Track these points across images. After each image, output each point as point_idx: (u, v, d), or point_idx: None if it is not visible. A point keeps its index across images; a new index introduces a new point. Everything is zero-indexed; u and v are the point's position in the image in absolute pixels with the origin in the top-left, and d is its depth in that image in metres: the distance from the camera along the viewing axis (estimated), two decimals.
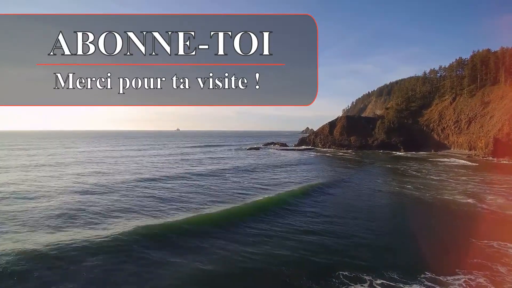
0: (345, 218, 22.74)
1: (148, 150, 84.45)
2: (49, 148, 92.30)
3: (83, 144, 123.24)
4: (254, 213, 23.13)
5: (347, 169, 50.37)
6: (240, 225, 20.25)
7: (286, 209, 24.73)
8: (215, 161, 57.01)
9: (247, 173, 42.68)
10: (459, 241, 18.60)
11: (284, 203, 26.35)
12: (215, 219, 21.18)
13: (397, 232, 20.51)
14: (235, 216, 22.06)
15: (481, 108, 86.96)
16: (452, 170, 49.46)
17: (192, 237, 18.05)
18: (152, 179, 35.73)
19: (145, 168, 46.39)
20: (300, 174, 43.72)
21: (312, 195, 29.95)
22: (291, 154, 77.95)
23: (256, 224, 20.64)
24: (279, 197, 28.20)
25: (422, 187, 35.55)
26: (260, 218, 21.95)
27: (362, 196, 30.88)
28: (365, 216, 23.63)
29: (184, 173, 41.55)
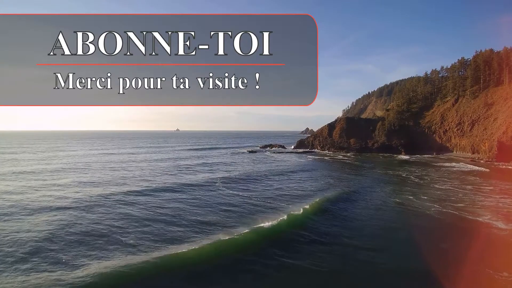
0: (363, 250, 19.46)
1: (141, 154, 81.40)
2: (40, 151, 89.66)
3: (77, 146, 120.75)
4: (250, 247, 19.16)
5: (346, 177, 47.32)
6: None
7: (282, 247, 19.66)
8: (208, 168, 53.90)
9: (240, 184, 39.73)
10: (471, 274, 15.98)
11: (280, 236, 21.32)
12: (205, 257, 17.08)
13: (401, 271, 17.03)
14: (230, 252, 18.16)
15: (485, 110, 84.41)
16: (458, 177, 46.86)
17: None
18: (136, 193, 32.89)
19: (132, 177, 43.48)
20: (298, 184, 40.54)
21: (314, 220, 24.97)
22: (288, 158, 75.40)
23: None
24: (279, 226, 22.78)
25: (425, 198, 33.04)
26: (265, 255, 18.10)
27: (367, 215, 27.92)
28: (380, 245, 20.47)
29: (172, 184, 38.64)
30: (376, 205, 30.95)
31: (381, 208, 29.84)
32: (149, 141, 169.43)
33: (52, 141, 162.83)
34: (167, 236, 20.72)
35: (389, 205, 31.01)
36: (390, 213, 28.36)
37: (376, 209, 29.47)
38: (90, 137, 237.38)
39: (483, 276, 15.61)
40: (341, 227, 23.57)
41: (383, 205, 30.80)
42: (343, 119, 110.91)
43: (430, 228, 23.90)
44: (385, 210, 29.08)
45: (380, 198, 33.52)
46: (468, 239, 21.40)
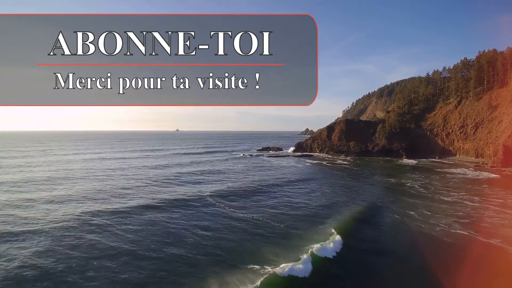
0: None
1: (132, 159, 77.94)
2: (30, 155, 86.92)
3: (70, 149, 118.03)
4: None
5: (344, 190, 43.93)
6: None
7: None
8: (199, 178, 49.42)
9: (233, 200, 35.04)
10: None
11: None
12: None
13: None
14: None
15: (489, 112, 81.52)
16: (464, 187, 44.02)
17: None
18: (109, 213, 28.88)
19: (112, 189, 39.53)
20: (297, 200, 35.79)
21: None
22: (286, 163, 72.50)
23: None
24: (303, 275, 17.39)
25: (429, 214, 30.26)
26: None
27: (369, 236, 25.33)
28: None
29: (154, 200, 34.03)
30: (375, 224, 28.15)
31: (381, 227, 27.05)
32: (146, 143, 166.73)
33: (47, 143, 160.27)
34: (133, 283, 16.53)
35: (389, 224, 28.23)
36: (389, 234, 25.61)
37: (375, 229, 26.71)
38: (87, 138, 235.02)
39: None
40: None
41: (383, 224, 28.01)
42: (343, 121, 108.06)
43: (436, 256, 21.01)
44: (384, 231, 26.32)
45: (380, 214, 30.73)
46: (481, 268, 18.71)
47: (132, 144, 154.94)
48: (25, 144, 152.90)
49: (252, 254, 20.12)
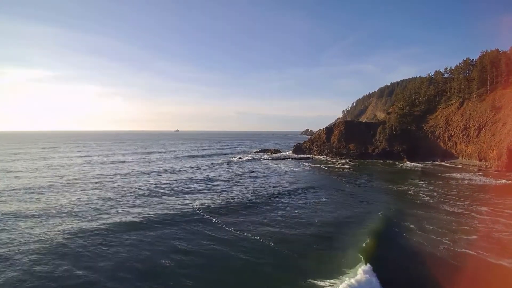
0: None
1: (123, 163, 74.10)
2: (20, 158, 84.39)
3: (62, 151, 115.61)
4: None
5: (346, 197, 41.63)
6: None
7: None
8: (191, 186, 45.92)
9: (227, 214, 31.58)
10: None
11: None
12: None
13: None
14: None
15: (492, 114, 79.13)
16: (470, 195, 41.69)
17: None
18: (82, 234, 25.56)
19: (93, 201, 36.25)
20: (293, 216, 31.50)
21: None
22: (284, 168, 70.13)
23: None
24: None
25: (432, 229, 28.02)
26: None
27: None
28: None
29: (134, 216, 30.42)
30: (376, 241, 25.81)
31: (383, 246, 24.72)
32: (142, 145, 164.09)
33: (43, 144, 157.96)
34: None
35: (390, 240, 25.94)
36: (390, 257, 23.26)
37: (376, 246, 24.40)
38: (85, 139, 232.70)
39: None
40: None
41: (385, 241, 25.71)
42: (342, 123, 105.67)
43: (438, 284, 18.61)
44: (385, 250, 24.00)
45: (382, 229, 28.38)
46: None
47: (128, 146, 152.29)
48: (19, 146, 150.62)
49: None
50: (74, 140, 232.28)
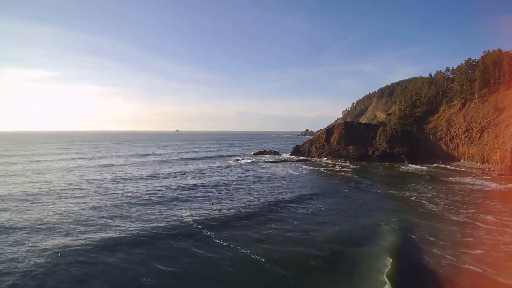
0: None
1: (115, 168, 71.02)
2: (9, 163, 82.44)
3: (56, 153, 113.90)
4: None
5: (346, 205, 40.02)
6: None
7: None
8: (180, 195, 42.59)
9: (211, 233, 27.98)
10: None
11: None
12: None
13: None
14: None
15: (495, 115, 77.42)
16: (475, 202, 40.02)
17: None
18: (60, 253, 23.43)
19: (74, 215, 33.05)
20: (292, 230, 29.02)
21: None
22: (281, 171, 68.36)
23: None
24: None
25: (434, 241, 26.43)
26: None
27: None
28: None
29: (119, 231, 27.99)
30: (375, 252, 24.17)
31: (384, 260, 23.08)
32: (140, 146, 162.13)
33: (39, 146, 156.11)
34: None
35: (392, 254, 24.24)
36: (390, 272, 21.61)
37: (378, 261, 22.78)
38: (84, 140, 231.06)
39: None
40: None
41: (387, 254, 24.05)
42: (341, 124, 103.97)
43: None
44: (387, 264, 22.35)
45: (384, 240, 26.72)
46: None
47: (125, 147, 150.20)
48: (16, 147, 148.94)
49: None
50: (72, 141, 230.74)
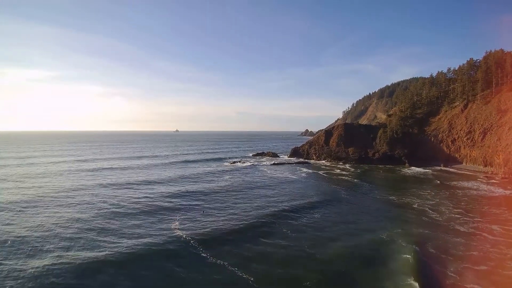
0: None
1: (105, 172, 67.95)
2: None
3: (48, 156, 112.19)
4: None
5: (347, 213, 38.54)
6: None
7: None
8: (169, 205, 39.87)
9: (200, 250, 25.64)
10: None
11: None
12: None
13: None
14: None
15: (498, 117, 75.75)
16: (479, 209, 38.34)
17: None
18: (19, 274, 21.30)
19: (46, 231, 29.90)
20: (289, 246, 26.76)
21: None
22: (279, 175, 66.55)
23: None
24: None
25: (438, 254, 24.71)
26: None
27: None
28: None
29: (93, 249, 25.34)
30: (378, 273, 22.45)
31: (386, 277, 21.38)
32: (137, 147, 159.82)
33: (36, 147, 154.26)
34: None
35: (395, 271, 22.54)
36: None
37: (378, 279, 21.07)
38: (80, 141, 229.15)
39: None
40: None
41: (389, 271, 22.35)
42: (341, 126, 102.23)
43: None
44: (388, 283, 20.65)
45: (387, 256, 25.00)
46: None
47: (121, 149, 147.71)
48: (12, 148, 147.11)
49: None
50: (70, 141, 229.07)
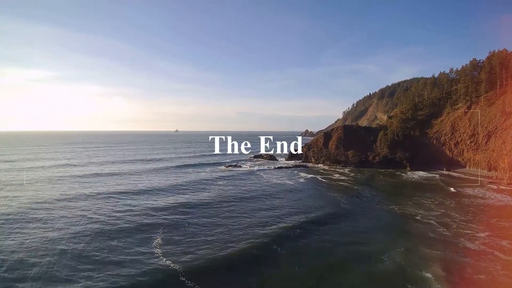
0: None
1: (91, 179, 63.10)
2: None
3: (37, 159, 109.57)
4: None
5: (345, 226, 36.19)
6: None
7: None
8: (148, 219, 35.84)
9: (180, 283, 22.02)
10: None
11: None
12: None
13: None
14: None
15: (503, 119, 73.19)
16: (488, 221, 35.75)
17: None
18: None
19: (9, 250, 27.05)
20: (284, 270, 24.24)
21: None
22: (276, 181, 63.85)
23: None
24: None
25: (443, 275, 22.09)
26: None
27: None
28: None
29: (51, 277, 22.42)
30: None
31: None
32: (132, 149, 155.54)
33: (31, 148, 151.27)
34: None
35: None
36: None
37: None
38: (77, 142, 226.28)
39: None
40: None
41: None
42: (340, 128, 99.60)
43: None
44: None
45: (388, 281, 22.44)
46: None
47: (116, 151, 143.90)
48: (5, 151, 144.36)
49: None
50: (67, 142, 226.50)
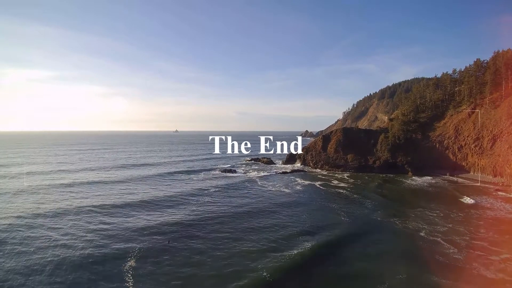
0: None
1: (76, 188, 58.42)
2: None
3: (33, 162, 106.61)
4: None
5: (344, 241, 33.69)
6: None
7: None
8: (118, 247, 30.13)
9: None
10: None
11: None
12: None
13: None
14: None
15: (508, 123, 69.97)
16: (501, 238, 32.68)
17: None
18: None
19: None
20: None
21: None
22: (271, 188, 60.59)
23: None
24: None
25: None
26: None
27: None
28: None
29: None
30: None
31: None
32: (126, 152, 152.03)
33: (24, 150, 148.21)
34: None
35: None
36: None
37: None
38: (73, 143, 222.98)
39: None
40: None
41: None
42: (340, 130, 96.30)
43: None
44: None
45: None
46: None
47: (110, 153, 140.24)
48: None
49: None
50: (64, 143, 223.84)
